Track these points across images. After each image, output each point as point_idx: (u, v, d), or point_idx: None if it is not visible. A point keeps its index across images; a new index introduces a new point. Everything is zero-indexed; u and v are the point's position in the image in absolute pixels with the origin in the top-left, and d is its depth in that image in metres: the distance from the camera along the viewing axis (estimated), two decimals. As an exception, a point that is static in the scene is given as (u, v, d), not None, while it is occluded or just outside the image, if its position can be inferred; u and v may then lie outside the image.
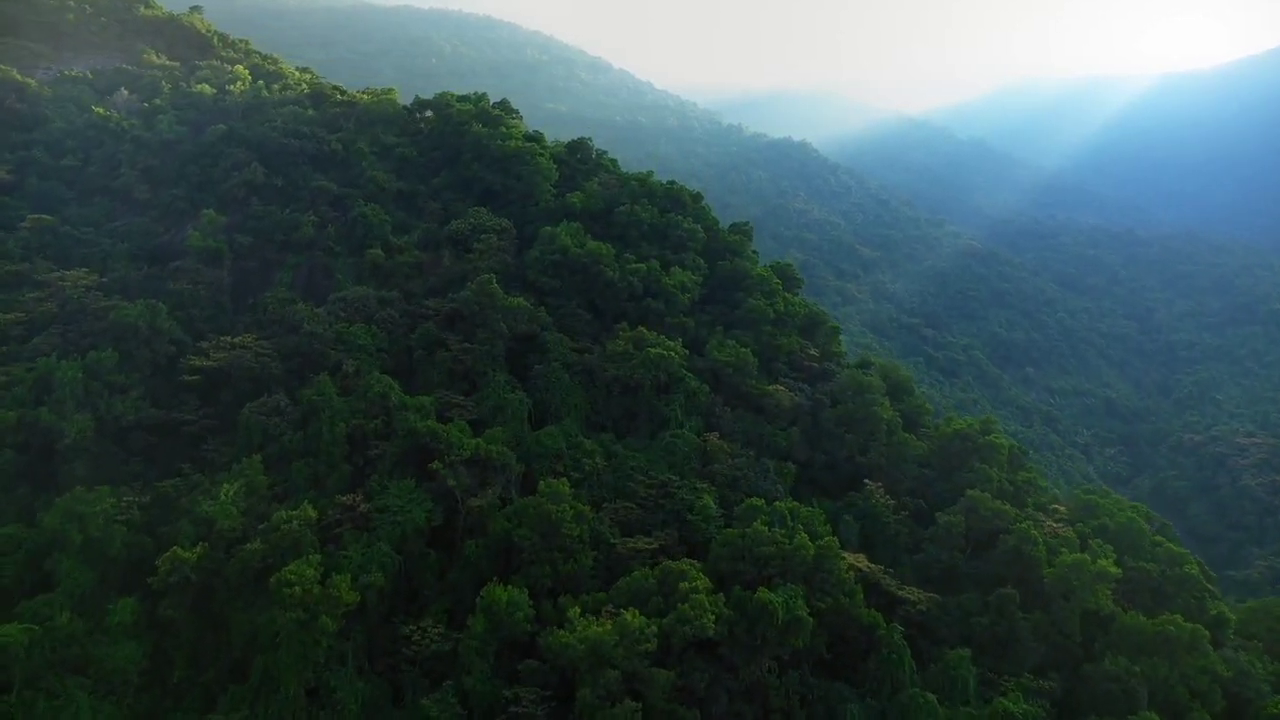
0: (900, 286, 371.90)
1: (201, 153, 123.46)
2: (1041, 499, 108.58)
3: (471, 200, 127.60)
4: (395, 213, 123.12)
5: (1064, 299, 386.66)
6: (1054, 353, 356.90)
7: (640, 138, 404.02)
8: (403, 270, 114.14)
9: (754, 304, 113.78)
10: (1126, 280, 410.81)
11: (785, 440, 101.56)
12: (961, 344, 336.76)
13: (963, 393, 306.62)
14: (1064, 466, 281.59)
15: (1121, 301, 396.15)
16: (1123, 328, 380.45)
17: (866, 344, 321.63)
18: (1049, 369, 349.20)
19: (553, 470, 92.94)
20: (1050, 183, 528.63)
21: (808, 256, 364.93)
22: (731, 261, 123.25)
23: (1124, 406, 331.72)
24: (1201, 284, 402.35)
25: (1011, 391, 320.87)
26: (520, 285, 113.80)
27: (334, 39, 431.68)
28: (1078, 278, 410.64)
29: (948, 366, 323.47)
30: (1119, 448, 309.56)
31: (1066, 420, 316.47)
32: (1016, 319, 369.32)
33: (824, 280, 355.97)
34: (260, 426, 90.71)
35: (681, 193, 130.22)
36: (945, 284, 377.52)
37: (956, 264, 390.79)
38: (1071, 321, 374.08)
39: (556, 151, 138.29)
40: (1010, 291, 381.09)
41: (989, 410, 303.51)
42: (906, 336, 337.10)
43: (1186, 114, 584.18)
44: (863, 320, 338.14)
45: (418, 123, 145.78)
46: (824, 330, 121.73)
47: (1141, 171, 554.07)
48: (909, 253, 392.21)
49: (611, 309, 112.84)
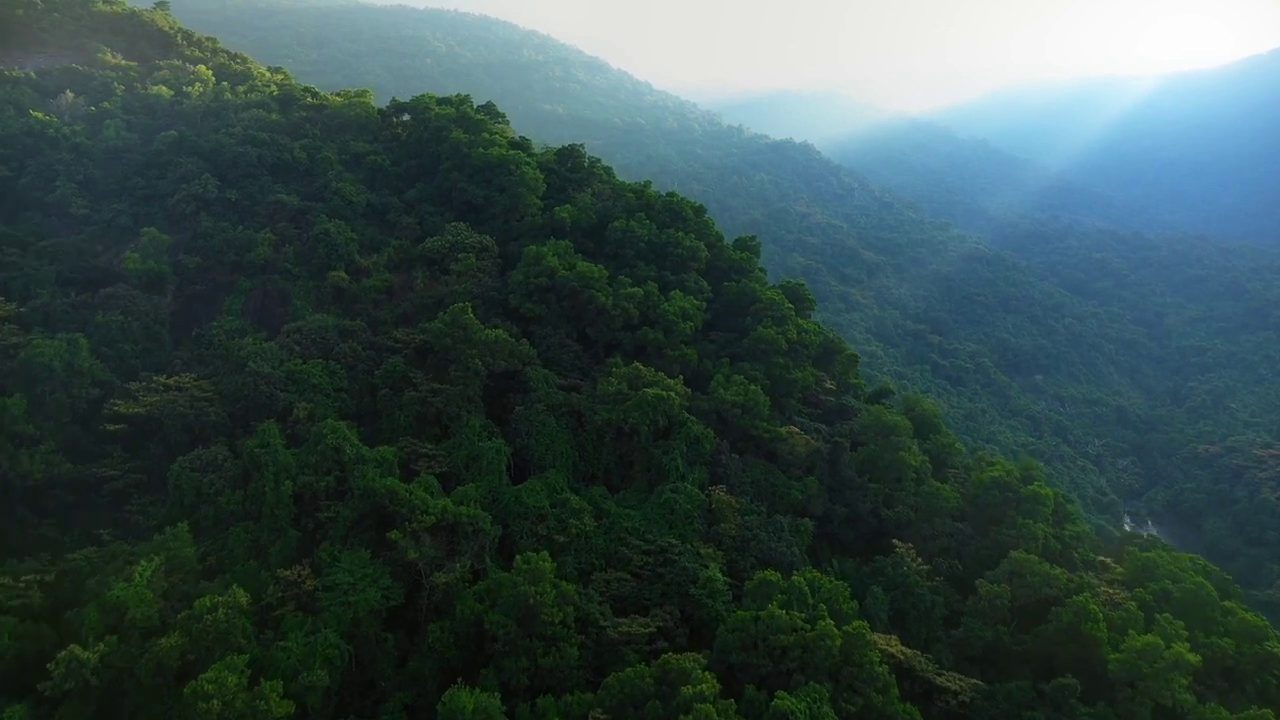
0: (905, 291, 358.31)
1: (149, 163, 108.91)
2: (1091, 554, 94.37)
3: (450, 214, 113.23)
4: (364, 229, 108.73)
5: (1072, 304, 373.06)
6: (1063, 359, 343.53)
7: (639, 139, 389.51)
8: (369, 295, 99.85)
9: (763, 332, 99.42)
10: (1135, 284, 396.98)
11: (801, 492, 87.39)
12: (968, 351, 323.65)
13: (970, 402, 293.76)
14: (1076, 479, 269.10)
15: (1131, 306, 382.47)
16: (1132, 333, 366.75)
17: (872, 352, 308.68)
18: (1058, 376, 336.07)
19: (534, 533, 78.92)
20: (1054, 184, 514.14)
21: (810, 261, 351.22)
22: (738, 282, 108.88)
23: (1135, 415, 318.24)
24: (1212, 288, 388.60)
25: (1020, 400, 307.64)
26: (502, 312, 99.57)
27: (326, 39, 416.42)
28: (1085, 282, 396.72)
29: (955, 374, 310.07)
30: (1131, 458, 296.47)
31: (1077, 430, 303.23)
32: (1024, 325, 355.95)
33: (827, 285, 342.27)
34: (193, 484, 76.51)
35: (682, 205, 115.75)
36: (951, 289, 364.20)
37: (962, 268, 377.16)
38: (1080, 327, 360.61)
39: (545, 160, 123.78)
40: (1017, 296, 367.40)
41: (997, 420, 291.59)
42: (912, 343, 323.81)
43: (1191, 114, 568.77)
44: (867, 327, 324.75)
45: (394, 128, 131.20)
46: (841, 359, 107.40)
47: (1146, 173, 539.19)
48: (913, 257, 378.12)
49: (604, 339, 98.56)
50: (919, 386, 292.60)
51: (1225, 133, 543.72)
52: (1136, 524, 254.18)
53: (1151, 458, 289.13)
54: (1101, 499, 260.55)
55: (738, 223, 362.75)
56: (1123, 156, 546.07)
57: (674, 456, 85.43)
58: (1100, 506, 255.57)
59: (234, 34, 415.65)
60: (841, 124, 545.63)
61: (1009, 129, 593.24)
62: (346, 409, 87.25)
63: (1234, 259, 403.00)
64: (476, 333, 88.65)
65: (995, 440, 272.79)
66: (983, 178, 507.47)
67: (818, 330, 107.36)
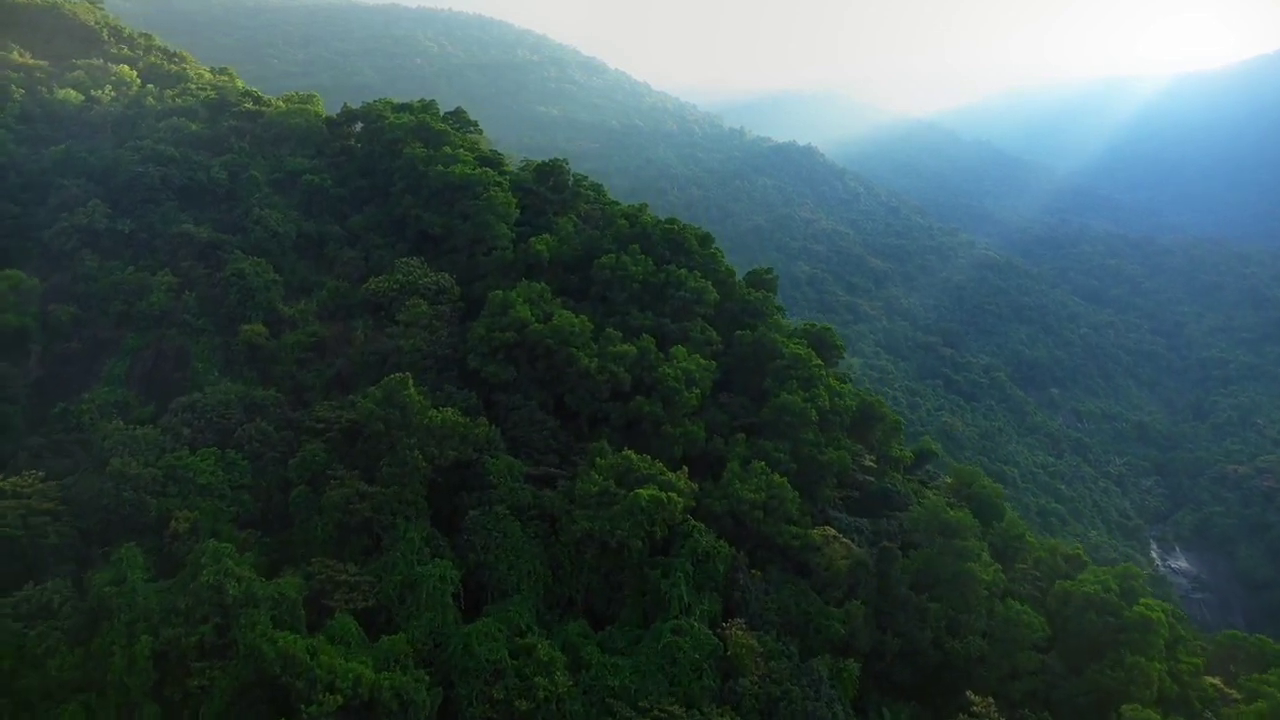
0: (915, 300, 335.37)
1: (27, 185, 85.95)
2: (1210, 691, 71.34)
3: (403, 247, 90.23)
4: (294, 266, 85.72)
5: (1087, 313, 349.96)
6: (1080, 372, 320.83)
7: (637, 142, 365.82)
8: (292, 353, 76.89)
9: (788, 400, 76.34)
10: (1151, 292, 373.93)
11: (843, 622, 64.63)
12: (982, 364, 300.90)
13: (986, 420, 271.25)
14: (1099, 501, 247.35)
15: (1148, 315, 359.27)
16: (1150, 344, 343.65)
17: (882, 366, 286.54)
18: (1075, 389, 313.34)
19: (487, 697, 56.26)
20: (1060, 186, 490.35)
21: (816, 269, 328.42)
22: (753, 330, 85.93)
23: (1157, 431, 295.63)
24: (1231, 296, 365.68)
25: (1037, 416, 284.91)
26: (459, 375, 76.77)
27: (314, 38, 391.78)
28: (1099, 289, 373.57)
29: (968, 389, 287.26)
30: (1154, 478, 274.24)
31: (1097, 447, 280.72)
32: (1038, 335, 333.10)
33: (833, 295, 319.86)
34: (13, 641, 53.93)
35: (685, 235, 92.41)
36: (962, 298, 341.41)
37: (973, 276, 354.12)
38: (1096, 338, 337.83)
39: (521, 178, 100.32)
40: (1031, 305, 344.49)
41: (1015, 439, 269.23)
42: (923, 356, 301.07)
43: (1198, 115, 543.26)
44: (876, 339, 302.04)
45: (344, 139, 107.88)
46: (882, 427, 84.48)
47: (1153, 175, 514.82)
48: (922, 264, 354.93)
49: (588, 409, 75.62)
50: (932, 404, 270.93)
51: (1233, 133, 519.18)
52: (1164, 550, 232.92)
53: (1176, 478, 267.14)
54: (1126, 523, 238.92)
55: (740, 229, 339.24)
56: (1129, 158, 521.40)
57: (676, 581, 62.64)
58: (1125, 532, 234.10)
59: (220, 34, 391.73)
60: (843, 125, 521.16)
61: (1012, 131, 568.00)
62: (247, 515, 64.50)
63: (1252, 265, 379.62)
64: (419, 414, 65.72)
65: (1014, 461, 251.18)
66: (988, 180, 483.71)
67: (853, 392, 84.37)
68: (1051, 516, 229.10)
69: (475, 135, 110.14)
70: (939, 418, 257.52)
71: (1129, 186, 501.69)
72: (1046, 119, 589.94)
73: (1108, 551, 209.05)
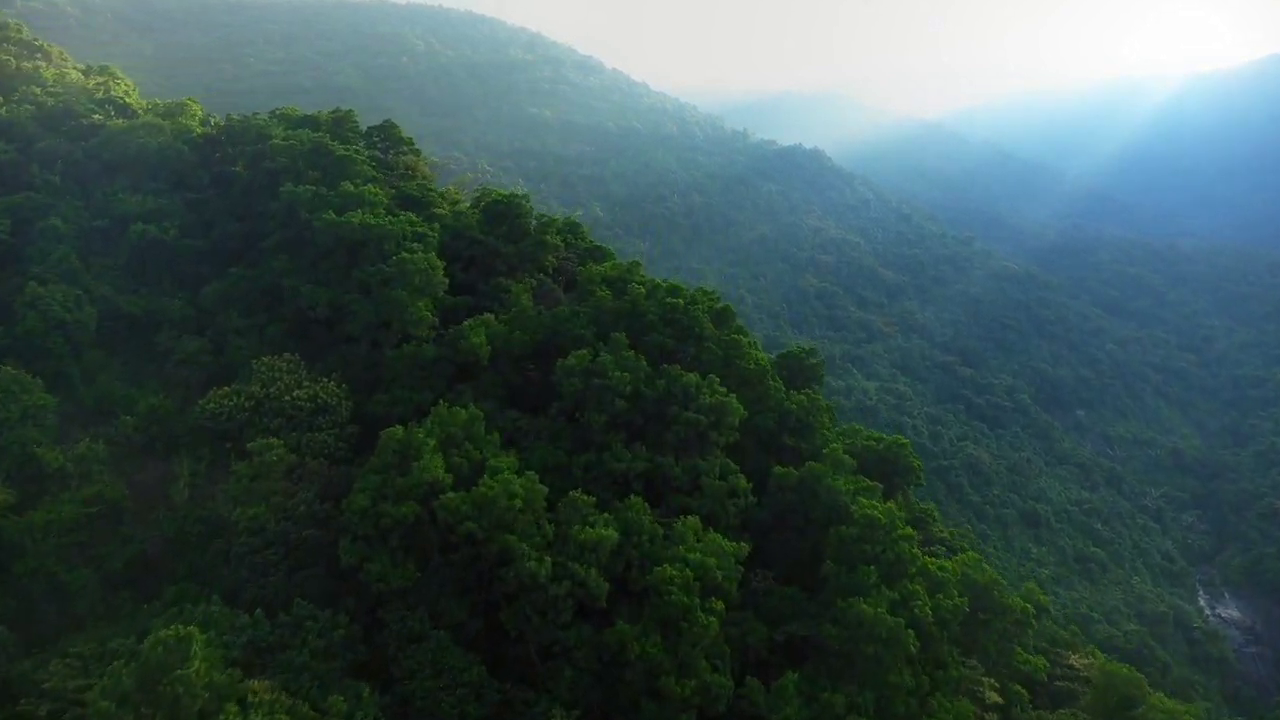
0: (930, 315, 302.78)
1: None
2: None
3: (277, 333, 57.91)
4: (94, 372, 53.43)
5: (1112, 327, 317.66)
6: (1107, 392, 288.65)
7: (635, 145, 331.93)
8: (58, 530, 44.86)
9: (865, 613, 43.83)
10: (1176, 303, 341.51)
11: None
12: (1004, 385, 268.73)
13: (1014, 450, 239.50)
14: (1138, 541, 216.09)
15: (1174, 329, 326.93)
16: (1179, 360, 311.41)
17: (899, 390, 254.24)
18: (1103, 411, 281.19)
19: None
20: (1071, 190, 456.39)
21: (825, 283, 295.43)
22: (798, 467, 53.56)
23: (1194, 459, 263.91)
24: (1260, 308, 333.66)
25: (1065, 444, 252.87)
26: (326, 569, 44.65)
27: (296, 36, 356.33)
28: (1121, 301, 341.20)
29: (991, 414, 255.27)
30: (1195, 512, 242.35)
31: (1130, 478, 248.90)
32: (1061, 352, 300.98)
33: (844, 311, 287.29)
34: None
35: (694, 312, 59.37)
36: (979, 312, 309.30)
37: (990, 288, 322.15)
38: (1123, 354, 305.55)
39: (463, 224, 66.63)
40: (1052, 319, 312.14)
41: (1044, 470, 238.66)
42: (941, 377, 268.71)
43: (1212, 116, 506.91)
44: (892, 360, 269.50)
45: (224, 165, 74.62)
46: (1001, 621, 51.82)
47: (1168, 177, 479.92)
48: (936, 275, 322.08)
49: (538, 638, 43.34)
50: (955, 432, 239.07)
51: (1249, 135, 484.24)
52: (1212, 597, 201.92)
53: (1219, 512, 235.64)
54: (1170, 567, 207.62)
55: (744, 240, 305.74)
56: (1141, 160, 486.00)
57: None
58: (1170, 577, 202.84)
59: (197, 32, 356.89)
60: (845, 127, 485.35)
61: (1019, 132, 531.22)
62: None
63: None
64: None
65: (1046, 498, 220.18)
66: (998, 184, 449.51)
67: (958, 571, 51.48)
68: (1091, 563, 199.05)
69: (408, 158, 76.90)
70: (964, 449, 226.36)
71: (1143, 190, 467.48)
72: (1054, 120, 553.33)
73: (1154, 604, 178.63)
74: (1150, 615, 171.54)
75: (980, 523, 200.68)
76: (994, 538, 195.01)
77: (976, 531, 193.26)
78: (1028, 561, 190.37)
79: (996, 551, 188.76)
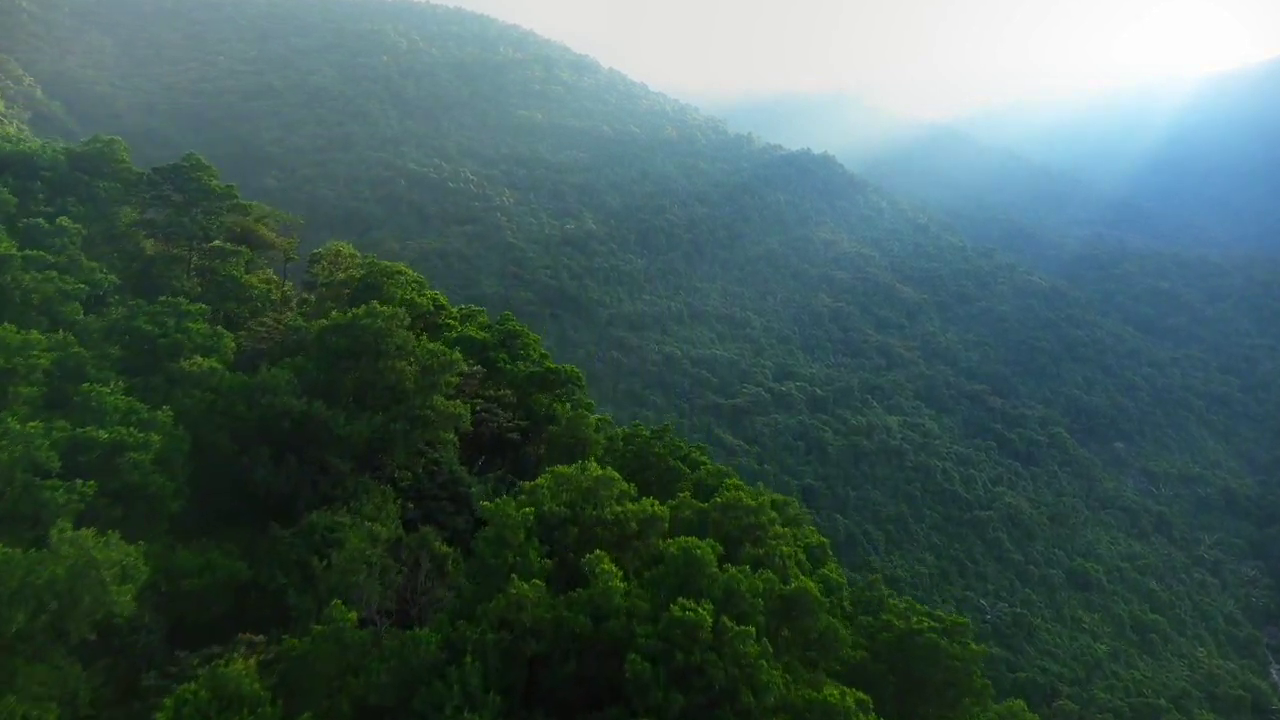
0: (953, 336, 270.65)
1: None
2: None
3: None
4: None
5: (1148, 349, 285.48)
6: (1147, 422, 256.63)
7: (633, 151, 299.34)
8: None
9: None
10: (1213, 321, 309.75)
11: None
12: (1037, 416, 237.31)
13: (1055, 495, 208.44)
14: (1198, 601, 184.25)
15: (1214, 349, 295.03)
16: (1221, 385, 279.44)
17: (923, 425, 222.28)
18: (1143, 443, 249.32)
19: None
20: (1088, 196, 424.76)
21: (839, 303, 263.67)
22: None
23: (1246, 499, 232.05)
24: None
25: (1108, 483, 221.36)
26: None
27: (271, 32, 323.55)
28: (1155, 318, 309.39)
29: (1025, 451, 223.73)
30: (1255, 564, 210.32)
31: (1180, 522, 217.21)
32: (1096, 377, 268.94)
33: (861, 334, 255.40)
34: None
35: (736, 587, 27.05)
36: (1006, 333, 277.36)
37: (1017, 305, 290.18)
38: (1161, 379, 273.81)
39: (299, 368, 32.98)
40: (1083, 341, 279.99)
41: (1089, 518, 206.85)
42: (969, 408, 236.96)
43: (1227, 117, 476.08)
44: (915, 389, 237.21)
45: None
46: None
47: (1185, 181, 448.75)
48: (958, 292, 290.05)
49: None
50: (989, 474, 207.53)
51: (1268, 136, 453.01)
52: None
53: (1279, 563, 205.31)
54: (1236, 633, 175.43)
55: (751, 254, 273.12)
56: (1158, 165, 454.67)
57: None
58: (1236, 644, 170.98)
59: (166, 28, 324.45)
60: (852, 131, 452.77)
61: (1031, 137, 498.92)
62: None
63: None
64: None
65: (1095, 554, 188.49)
66: (1011, 190, 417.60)
67: None
68: (1151, 632, 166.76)
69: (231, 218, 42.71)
70: (1001, 497, 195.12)
71: (1161, 195, 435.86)
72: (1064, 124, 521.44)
73: (1228, 684, 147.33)
74: (1225, 699, 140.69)
75: (1024, 586, 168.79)
76: (1040, 605, 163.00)
77: (1020, 597, 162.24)
78: (1081, 635, 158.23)
79: (1045, 623, 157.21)
